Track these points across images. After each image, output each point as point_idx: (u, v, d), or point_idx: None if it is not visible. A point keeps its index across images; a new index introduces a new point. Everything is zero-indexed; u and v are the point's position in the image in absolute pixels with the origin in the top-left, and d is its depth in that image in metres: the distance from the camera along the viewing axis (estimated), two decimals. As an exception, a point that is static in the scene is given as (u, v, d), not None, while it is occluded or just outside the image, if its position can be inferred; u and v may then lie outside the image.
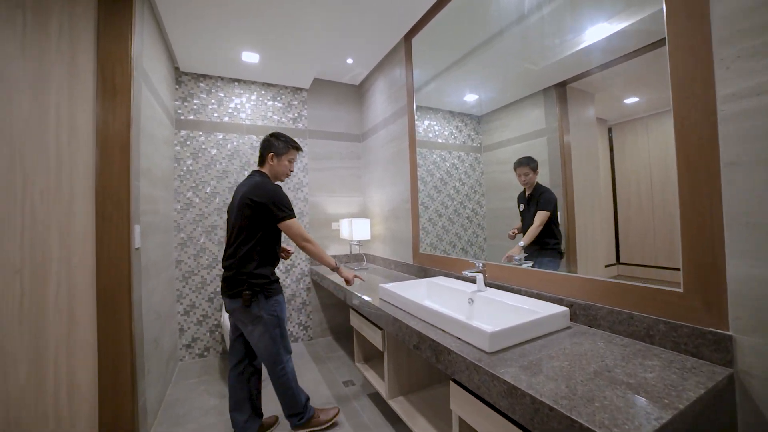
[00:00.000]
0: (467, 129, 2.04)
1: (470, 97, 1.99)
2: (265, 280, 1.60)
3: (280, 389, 1.68)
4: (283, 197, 1.63)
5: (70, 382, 1.49)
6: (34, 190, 1.44)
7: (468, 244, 1.99)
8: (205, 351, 2.67)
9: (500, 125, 1.77)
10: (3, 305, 1.40)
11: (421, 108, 2.32)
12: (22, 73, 1.44)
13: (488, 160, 1.85)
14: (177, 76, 2.62)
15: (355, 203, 3.28)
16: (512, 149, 1.67)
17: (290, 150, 1.74)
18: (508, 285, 1.55)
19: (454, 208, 2.08)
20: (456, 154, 2.12)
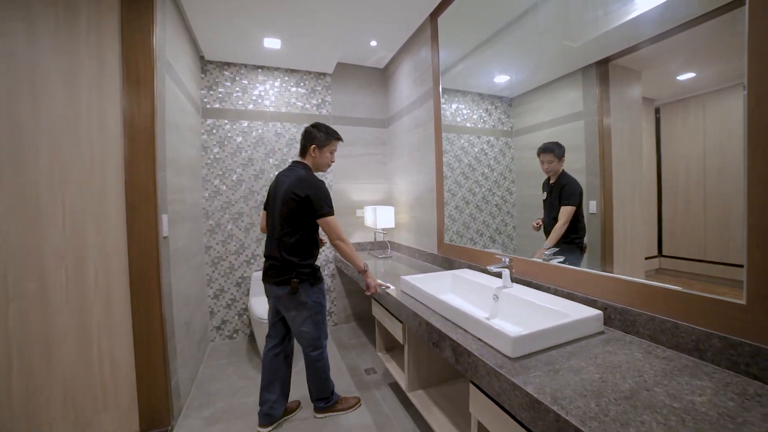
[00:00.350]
0: (497, 112, 1.92)
1: (501, 78, 1.85)
2: (310, 269, 1.67)
3: (315, 373, 1.75)
4: (326, 194, 1.65)
5: (111, 360, 1.60)
6: (71, 182, 1.51)
7: (496, 233, 1.90)
8: (234, 333, 2.79)
9: (533, 108, 1.64)
10: (52, 288, 1.51)
11: (449, 91, 2.20)
12: (57, 68, 1.49)
13: (519, 145, 1.73)
14: (202, 65, 2.64)
15: (380, 190, 3.23)
16: (546, 133, 1.54)
17: (331, 141, 1.74)
18: (537, 281, 1.46)
19: (482, 195, 1.99)
20: (485, 139, 2.01)
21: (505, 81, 1.82)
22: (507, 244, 1.83)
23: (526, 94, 1.67)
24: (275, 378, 1.73)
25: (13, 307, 1.47)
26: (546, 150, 1.51)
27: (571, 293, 1.29)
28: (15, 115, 1.45)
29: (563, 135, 1.46)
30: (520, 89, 1.72)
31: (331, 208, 1.65)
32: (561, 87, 1.47)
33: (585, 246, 1.36)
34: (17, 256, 1.46)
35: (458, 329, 1.19)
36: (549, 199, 1.52)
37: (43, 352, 1.51)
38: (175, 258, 1.87)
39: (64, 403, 1.55)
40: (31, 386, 1.50)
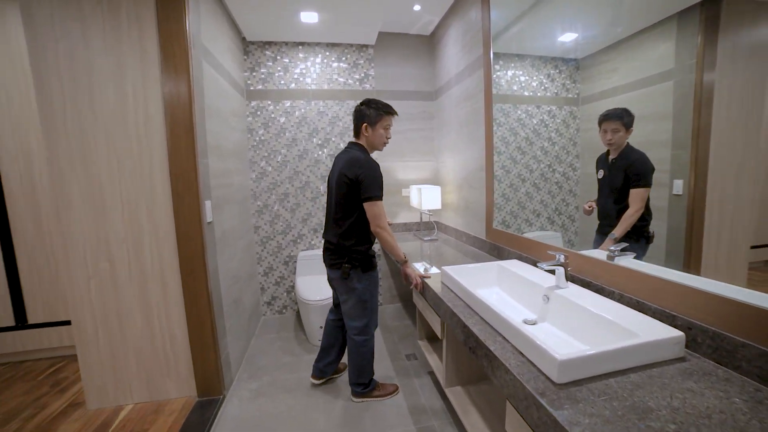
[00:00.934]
0: (561, 77, 1.64)
1: (567, 36, 1.55)
2: (363, 255, 1.64)
3: (356, 359, 1.75)
4: (377, 177, 1.57)
5: (170, 333, 1.76)
6: (125, 172, 1.62)
7: (555, 213, 1.69)
8: (283, 309, 2.94)
9: (606, 70, 1.34)
10: (119, 268, 1.68)
11: (503, 56, 1.91)
12: (107, 64, 1.57)
13: (587, 115, 1.46)
14: (244, 47, 2.64)
15: (427, 168, 3.06)
16: (620, 99, 1.26)
17: (383, 117, 1.63)
18: (598, 283, 1.24)
19: (540, 171, 1.77)
20: (546, 109, 1.76)
21: (572, 40, 1.52)
22: (567, 226, 1.61)
23: (598, 54, 1.38)
24: (334, 344, 1.90)
25: (92, 283, 1.67)
26: (611, 117, 1.25)
27: (641, 302, 1.06)
28: (79, 114, 1.57)
29: (642, 101, 1.17)
30: (590, 48, 1.42)
31: (380, 192, 1.57)
32: (645, 41, 1.16)
33: (652, 235, 1.12)
34: (92, 240, 1.64)
35: (497, 336, 1.05)
36: (608, 179, 1.28)
37: (118, 323, 1.71)
38: (222, 240, 1.96)
39: (137, 368, 1.76)
40: (113, 351, 1.73)
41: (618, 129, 1.21)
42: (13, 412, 1.77)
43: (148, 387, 1.77)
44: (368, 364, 1.78)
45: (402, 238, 2.73)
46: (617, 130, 1.21)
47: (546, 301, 1.27)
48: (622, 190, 1.20)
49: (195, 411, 1.69)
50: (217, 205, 1.90)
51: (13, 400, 1.88)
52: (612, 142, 1.23)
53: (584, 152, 1.50)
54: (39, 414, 1.74)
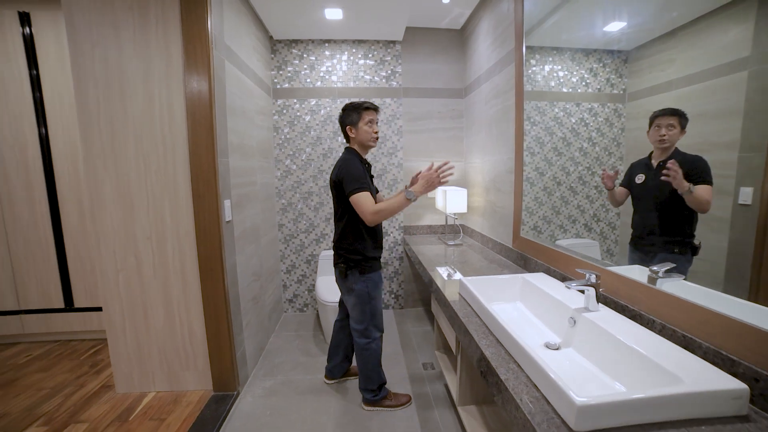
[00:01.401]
0: (606, 71, 1.48)
1: (613, 26, 1.39)
2: (360, 256, 1.62)
3: (360, 362, 1.73)
4: (351, 170, 1.53)
5: (189, 329, 1.81)
6: (150, 170, 1.68)
7: (593, 220, 1.53)
8: (304, 307, 2.96)
9: (659, 61, 1.17)
10: (144, 263, 1.76)
11: (540, 49, 1.76)
12: (136, 68, 1.63)
13: (634, 113, 1.30)
14: (272, 46, 2.66)
15: (455, 169, 2.92)
16: (676, 95, 1.09)
17: (362, 112, 1.61)
18: (635, 308, 1.08)
19: (578, 174, 1.62)
20: (586, 106, 1.60)
21: (620, 29, 1.35)
22: (607, 234, 1.46)
23: (651, 44, 1.20)
24: (340, 344, 1.91)
25: (120, 276, 1.76)
26: (669, 113, 1.08)
27: (689, 338, 0.90)
28: (111, 115, 1.65)
29: (703, 96, 1.00)
30: (641, 37, 1.24)
31: (359, 184, 1.50)
32: (712, 26, 0.99)
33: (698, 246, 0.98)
34: (121, 235, 1.72)
35: (511, 363, 0.95)
36: (652, 185, 1.12)
37: (143, 315, 1.80)
38: (243, 239, 1.99)
39: (159, 359, 1.84)
40: (139, 341, 1.82)
41: (674, 125, 1.06)
42: (59, 387, 1.93)
43: (169, 377, 1.85)
44: (374, 369, 1.72)
45: (426, 241, 2.64)
46: (673, 126, 1.07)
47: (572, 324, 1.13)
48: (673, 197, 1.04)
49: (210, 405, 1.73)
50: (238, 204, 1.93)
51: (60, 375, 2.05)
52: (665, 139, 1.09)
53: (631, 153, 1.33)
54: (77, 392, 1.88)
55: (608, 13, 1.38)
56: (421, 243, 2.60)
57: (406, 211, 2.91)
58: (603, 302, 1.21)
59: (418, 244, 2.55)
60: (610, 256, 1.42)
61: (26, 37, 2.22)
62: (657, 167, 1.10)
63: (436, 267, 1.89)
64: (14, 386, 1.95)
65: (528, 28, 1.79)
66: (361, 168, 1.56)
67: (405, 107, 2.82)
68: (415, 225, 2.95)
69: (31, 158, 2.28)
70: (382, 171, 2.86)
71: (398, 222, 2.93)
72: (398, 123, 2.82)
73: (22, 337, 2.45)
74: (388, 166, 2.86)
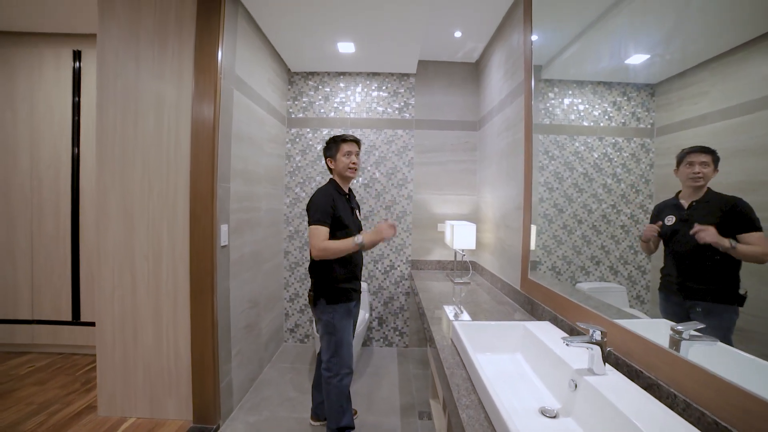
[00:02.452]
0: (631, 105, 1.39)
1: (637, 57, 1.31)
2: (328, 285, 1.62)
3: (326, 396, 1.64)
4: (318, 201, 1.59)
5: (175, 352, 1.77)
6: (154, 192, 1.74)
7: (620, 262, 1.38)
8: (305, 338, 2.86)
9: (691, 94, 1.08)
10: (139, 281, 1.77)
11: (558, 82, 1.70)
12: (151, 95, 1.73)
13: (663, 148, 1.19)
14: (289, 78, 2.79)
15: (467, 203, 2.82)
16: (711, 129, 0.98)
17: (341, 144, 1.67)
18: (650, 375, 0.91)
19: (601, 212, 1.49)
20: (609, 141, 1.50)
21: (645, 61, 1.27)
22: (636, 279, 1.30)
23: (681, 76, 1.11)
24: (320, 381, 1.79)
25: (116, 293, 1.77)
26: (699, 150, 0.99)
27: (722, 426, 0.71)
28: (124, 139, 1.74)
29: (741, 131, 0.89)
30: (670, 69, 1.15)
31: (320, 216, 1.54)
32: (750, 56, 0.89)
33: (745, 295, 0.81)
34: (120, 252, 1.76)
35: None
36: (684, 227, 1.00)
37: (132, 334, 1.78)
38: (239, 264, 1.97)
39: (144, 381, 1.80)
40: (126, 360, 1.80)
41: (708, 163, 0.97)
42: (47, 404, 1.92)
43: (151, 403, 1.79)
44: (336, 406, 1.60)
45: (432, 277, 2.50)
46: (707, 164, 0.97)
47: (573, 388, 0.97)
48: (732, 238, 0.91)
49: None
50: (237, 229, 1.93)
51: (53, 391, 2.05)
52: (700, 177, 0.99)
53: (660, 191, 1.21)
54: (62, 410, 1.86)
55: (628, 46, 1.30)
56: (428, 279, 2.47)
57: (415, 244, 2.81)
58: (613, 363, 1.03)
59: (425, 280, 2.42)
60: (640, 304, 1.25)
61: (75, 70, 2.47)
62: (692, 207, 0.99)
63: (443, 305, 1.77)
64: (9, 398, 1.97)
65: (546, 61, 1.74)
66: (330, 201, 1.58)
67: (417, 139, 2.80)
68: (423, 259, 2.82)
69: (63, 177, 2.46)
70: (392, 202, 2.81)
71: (406, 255, 2.82)
72: (409, 155, 2.80)
73: (32, 347, 2.53)
74: (397, 197, 2.81)
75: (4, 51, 2.46)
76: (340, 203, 1.62)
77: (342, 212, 1.60)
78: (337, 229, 1.59)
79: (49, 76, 2.46)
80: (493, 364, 1.23)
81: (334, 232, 1.59)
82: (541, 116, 1.77)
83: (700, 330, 0.86)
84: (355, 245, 1.55)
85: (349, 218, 1.65)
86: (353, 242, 1.55)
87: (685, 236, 1.01)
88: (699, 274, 0.98)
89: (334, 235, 1.58)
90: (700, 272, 0.97)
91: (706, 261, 0.94)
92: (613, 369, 0.98)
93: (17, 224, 2.46)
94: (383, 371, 2.45)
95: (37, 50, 2.46)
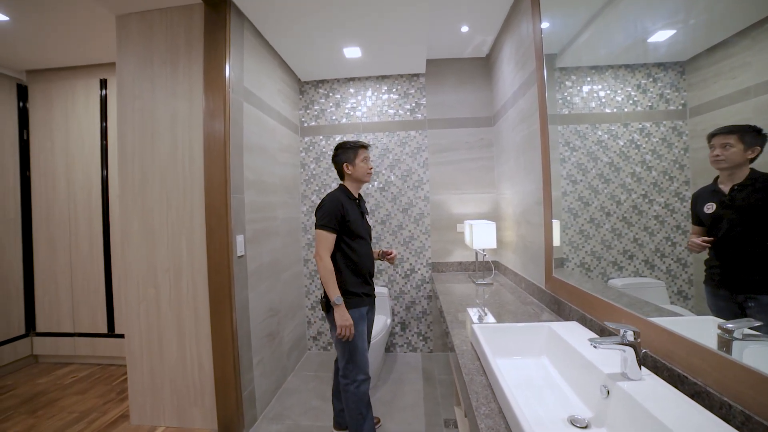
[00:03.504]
0: (657, 87, 1.29)
1: (661, 35, 1.21)
2: (340, 289, 1.59)
3: (345, 403, 1.61)
4: (325, 205, 1.60)
5: (199, 363, 1.80)
6: (171, 206, 1.79)
7: (656, 255, 1.27)
8: (328, 345, 2.85)
9: (728, 67, 0.97)
10: (162, 295, 1.82)
11: (574, 70, 1.62)
12: (164, 115, 1.80)
13: (699, 129, 1.09)
14: (300, 87, 2.82)
15: (487, 201, 2.73)
16: (756, 104, 0.88)
17: (357, 151, 1.68)
18: (697, 381, 0.81)
19: (631, 203, 1.39)
20: (635, 127, 1.39)
21: (670, 37, 1.16)
22: (676, 273, 1.18)
23: (715, 50, 1.01)
24: (339, 389, 1.76)
25: (141, 306, 1.84)
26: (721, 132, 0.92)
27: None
28: (142, 158, 1.82)
29: None
30: (700, 44, 1.04)
31: (325, 221, 1.56)
32: None
33: None
34: (143, 267, 1.83)
35: (510, 446, 0.74)
36: (729, 214, 0.91)
37: (158, 346, 1.84)
38: (257, 273, 1.99)
39: (171, 391, 1.84)
40: (154, 372, 1.85)
41: (732, 144, 0.89)
42: (87, 412, 2.03)
43: (178, 412, 1.83)
44: (355, 414, 1.58)
45: (454, 279, 2.43)
46: (731, 145, 0.90)
47: (606, 394, 0.88)
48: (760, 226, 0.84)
49: (211, 448, 1.66)
50: (253, 239, 1.95)
51: (92, 400, 2.16)
52: (721, 160, 0.92)
53: (698, 177, 1.10)
54: (99, 419, 1.95)
55: (655, 19, 1.20)
56: (449, 281, 2.39)
57: (434, 246, 2.75)
58: (651, 367, 0.94)
59: (446, 283, 2.35)
60: (683, 300, 1.14)
61: (102, 98, 2.63)
62: (733, 193, 0.91)
63: (466, 308, 1.70)
64: (53, 407, 2.08)
65: (560, 49, 1.66)
66: (339, 207, 1.58)
67: (431, 139, 2.75)
68: (444, 261, 2.75)
69: (94, 198, 2.60)
70: (408, 205, 2.76)
71: (426, 258, 2.76)
72: (424, 155, 2.75)
73: (74, 358, 2.68)
74: (414, 199, 2.76)
75: (44, 86, 2.66)
76: (350, 209, 1.62)
77: (353, 218, 1.61)
78: (349, 237, 1.60)
79: (80, 105, 2.63)
80: (516, 369, 1.16)
81: (347, 240, 1.60)
82: (559, 106, 1.67)
83: (756, 328, 0.76)
84: (335, 298, 1.54)
85: (359, 224, 1.65)
86: (335, 296, 1.54)
87: (730, 223, 0.92)
88: (750, 264, 0.87)
89: (346, 243, 1.60)
90: (750, 261, 0.86)
91: (757, 248, 0.84)
92: (651, 373, 0.89)
93: (57, 246, 2.63)
94: (407, 377, 2.39)
95: (69, 83, 2.64)
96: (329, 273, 1.54)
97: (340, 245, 1.60)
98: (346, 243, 1.60)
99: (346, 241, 1.60)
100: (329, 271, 1.54)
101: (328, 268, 1.54)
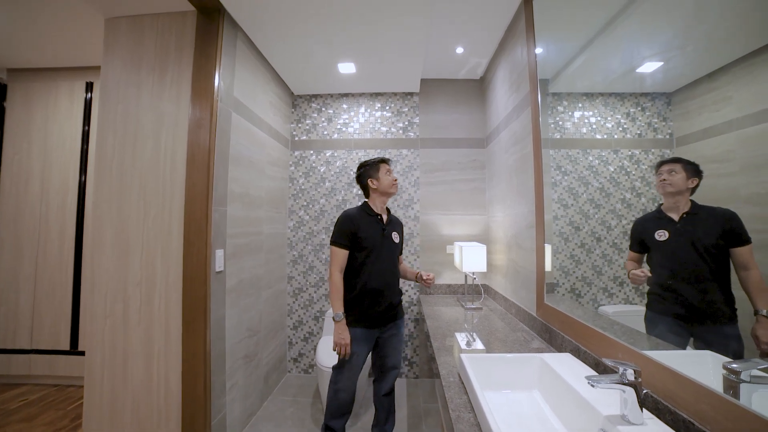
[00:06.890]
0: (645, 115, 1.31)
1: (649, 66, 1.24)
2: (346, 307, 1.65)
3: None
4: (338, 224, 1.66)
5: (165, 385, 1.66)
6: (149, 215, 1.69)
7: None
8: (309, 368, 2.71)
9: (711, 100, 0.99)
10: (130, 310, 1.69)
11: (567, 95, 1.63)
12: (149, 120, 1.73)
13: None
14: (293, 101, 2.80)
15: (477, 223, 2.70)
16: (736, 137, 0.90)
17: (379, 165, 1.75)
18: (704, 428, 0.75)
19: (622, 229, 1.38)
20: (625, 153, 1.41)
21: (658, 68, 1.19)
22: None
23: (700, 82, 1.03)
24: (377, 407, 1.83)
25: (107, 323, 1.70)
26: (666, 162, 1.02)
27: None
28: (122, 164, 1.73)
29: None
30: (687, 76, 1.07)
31: (337, 236, 1.64)
32: None
33: None
34: (113, 280, 1.70)
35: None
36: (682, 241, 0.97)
37: (122, 365, 1.69)
38: (236, 290, 1.88)
39: (132, 415, 1.68)
40: (115, 394, 1.69)
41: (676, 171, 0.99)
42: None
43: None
44: (331, 405, 1.67)
45: (442, 302, 2.35)
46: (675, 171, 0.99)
47: (604, 438, 0.81)
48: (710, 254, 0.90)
49: (171, 484, 1.50)
50: (235, 254, 1.86)
51: (39, 428, 1.95)
52: (667, 183, 1.00)
53: None
54: (48, 450, 1.75)
55: (639, 54, 1.23)
56: (437, 304, 2.32)
57: (423, 267, 2.68)
58: (652, 409, 0.87)
59: (434, 305, 2.27)
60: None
61: (87, 101, 2.55)
62: (683, 220, 0.96)
63: (454, 333, 1.62)
64: (-4, 435, 1.88)
65: (552, 74, 1.68)
66: (350, 224, 1.63)
67: (422, 158, 2.73)
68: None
69: (69, 203, 2.47)
70: (398, 222, 2.71)
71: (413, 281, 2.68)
72: (415, 174, 2.72)
73: (27, 378, 2.46)
74: (404, 218, 2.71)
75: (23, 86, 2.56)
76: (365, 225, 1.65)
77: (365, 234, 1.64)
78: (356, 249, 1.64)
79: (63, 107, 2.54)
80: (506, 404, 1.08)
81: (357, 256, 1.65)
82: (551, 130, 1.68)
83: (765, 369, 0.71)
84: (334, 314, 1.60)
85: (373, 239, 1.66)
86: (334, 311, 1.61)
87: (683, 250, 0.98)
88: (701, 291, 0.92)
89: (356, 259, 1.64)
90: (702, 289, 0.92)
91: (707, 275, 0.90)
92: (653, 417, 0.82)
93: (24, 249, 2.47)
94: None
95: (54, 84, 2.56)
96: (335, 289, 1.60)
97: (351, 261, 1.65)
98: (355, 258, 1.64)
99: (356, 256, 1.64)
100: (336, 287, 1.60)
101: (335, 284, 1.60)
